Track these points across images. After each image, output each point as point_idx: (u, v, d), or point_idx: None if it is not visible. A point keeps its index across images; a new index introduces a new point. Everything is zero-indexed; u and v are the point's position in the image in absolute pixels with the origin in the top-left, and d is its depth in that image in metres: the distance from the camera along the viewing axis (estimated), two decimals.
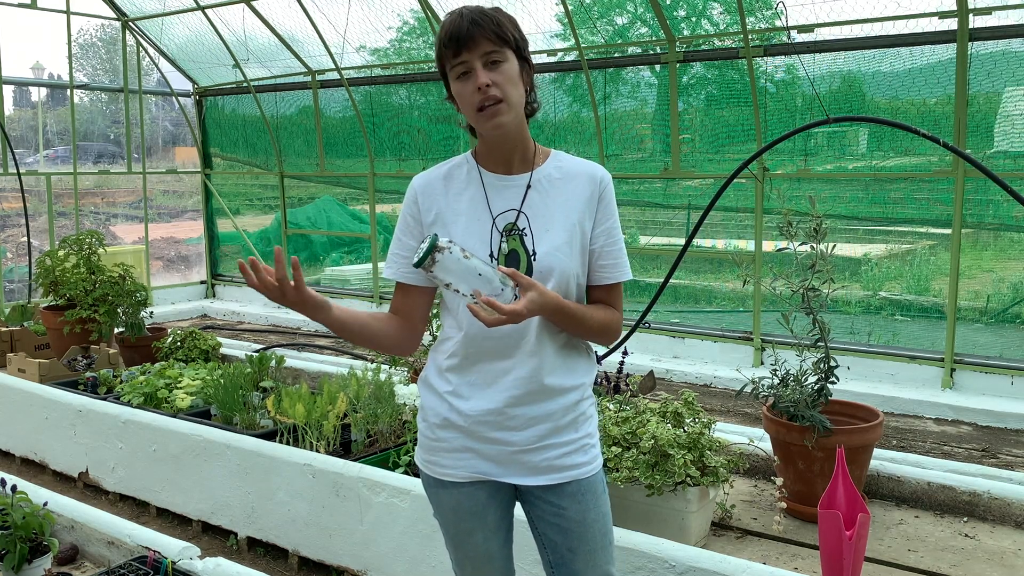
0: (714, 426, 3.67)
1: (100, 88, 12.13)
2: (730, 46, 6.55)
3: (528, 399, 1.92)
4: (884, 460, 4.10)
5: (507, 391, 1.91)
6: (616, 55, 7.17)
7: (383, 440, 4.18)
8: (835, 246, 3.78)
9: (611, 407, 3.85)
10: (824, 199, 6.33)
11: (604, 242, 1.97)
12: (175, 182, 11.34)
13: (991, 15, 5.44)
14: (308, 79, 8.98)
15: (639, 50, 7.10)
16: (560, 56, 7.50)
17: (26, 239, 8.51)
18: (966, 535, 3.61)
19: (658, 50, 6.85)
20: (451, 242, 1.73)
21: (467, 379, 1.95)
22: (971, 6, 5.40)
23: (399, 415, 4.25)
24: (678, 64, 6.68)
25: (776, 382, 3.89)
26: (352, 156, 9.16)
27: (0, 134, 8.33)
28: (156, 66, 9.98)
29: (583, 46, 7.01)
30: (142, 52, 9.73)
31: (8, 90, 10.19)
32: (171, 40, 9.55)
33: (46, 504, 3.47)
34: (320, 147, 9.20)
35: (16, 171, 8.38)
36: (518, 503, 2.07)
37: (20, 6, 8.61)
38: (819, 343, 3.80)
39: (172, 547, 3.33)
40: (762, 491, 4.08)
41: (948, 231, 5.91)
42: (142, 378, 5.05)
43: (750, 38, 6.20)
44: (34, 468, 5.06)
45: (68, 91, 9.40)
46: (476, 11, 1.83)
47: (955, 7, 5.43)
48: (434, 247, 1.70)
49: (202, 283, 10.56)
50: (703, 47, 6.80)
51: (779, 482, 3.55)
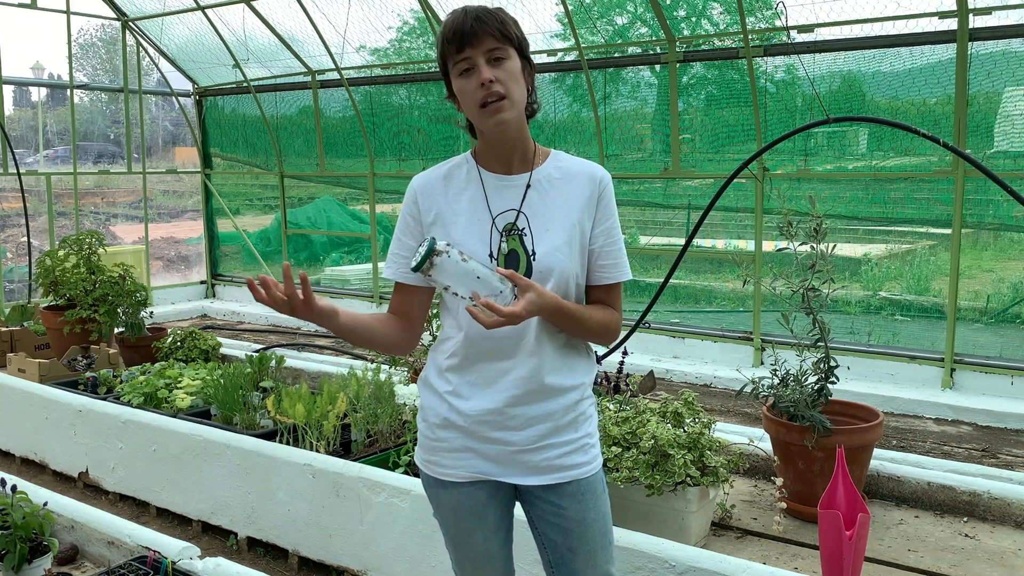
0: (714, 426, 3.67)
1: (100, 88, 12.13)
2: (730, 46, 6.55)
3: (528, 399, 1.92)
4: (884, 460, 4.10)
5: (507, 391, 1.91)
6: (616, 55, 7.17)
7: (383, 440, 4.18)
8: (835, 246, 3.78)
9: (611, 407, 3.85)
10: (824, 199, 6.33)
11: (603, 242, 1.97)
12: (175, 182, 11.34)
13: (991, 15, 5.44)
14: (308, 79, 8.98)
15: (639, 50, 7.10)
16: (560, 56, 7.50)
17: (26, 239, 8.51)
18: (966, 535, 3.61)
19: (658, 50, 6.85)
20: (449, 245, 1.72)
21: (467, 379, 1.95)
22: (971, 6, 5.41)
23: (399, 415, 4.25)
24: (678, 64, 6.68)
25: (776, 382, 3.89)
26: (352, 156, 9.16)
27: (0, 134, 8.34)
28: (156, 66, 9.98)
29: (583, 46, 7.01)
30: (142, 52, 9.73)
31: (8, 90, 10.20)
32: (171, 40, 9.55)
33: (46, 504, 3.47)
34: (320, 147, 9.20)
35: (16, 171, 8.38)
36: (518, 503, 2.08)
37: (20, 6, 8.61)
38: (819, 343, 3.80)
39: (172, 547, 3.33)
40: (762, 491, 4.08)
41: (948, 231, 5.91)
42: (142, 378, 5.05)
43: (750, 38, 6.20)
44: (34, 468, 5.06)
45: (68, 91, 9.40)
46: (480, 8, 1.85)
47: (955, 7, 5.44)
48: (432, 251, 1.70)
49: (202, 283, 10.57)
50: (703, 47, 6.80)
51: (779, 482, 3.55)
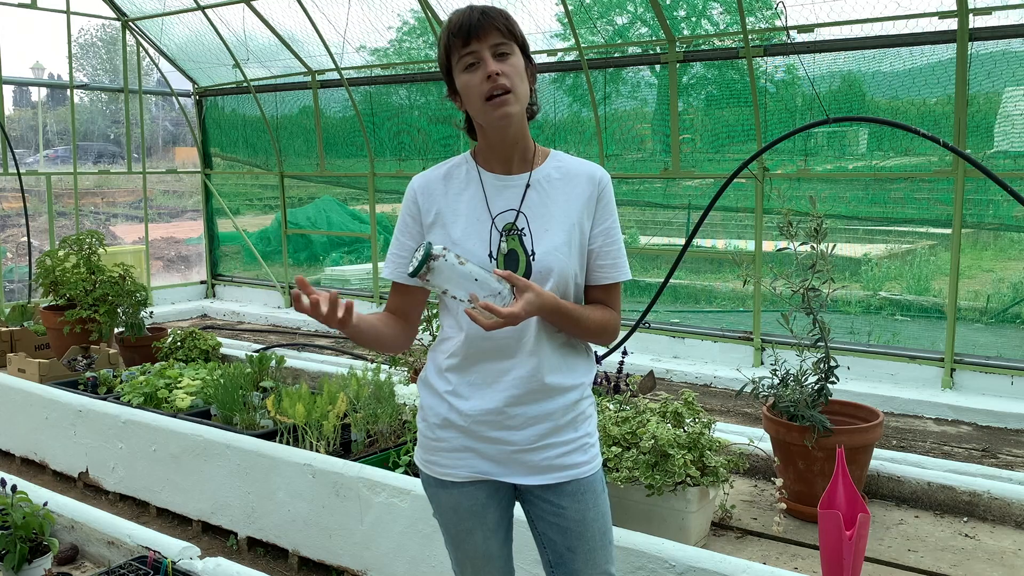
0: (714, 426, 3.67)
1: (100, 88, 12.12)
2: (730, 46, 6.55)
3: (528, 398, 1.92)
4: (884, 460, 4.10)
5: (507, 390, 1.92)
6: (616, 55, 7.17)
7: (383, 440, 4.18)
8: (835, 246, 3.78)
9: (611, 407, 3.84)
10: (824, 199, 6.33)
11: (603, 242, 1.97)
12: (175, 182, 11.34)
13: (991, 15, 5.44)
14: (308, 79, 8.98)
15: (639, 50, 7.10)
16: (560, 56, 7.50)
17: (26, 239, 8.51)
18: (966, 535, 3.61)
19: (658, 50, 6.85)
20: (445, 249, 1.72)
21: (467, 379, 1.95)
22: (971, 6, 5.41)
23: (399, 415, 4.25)
24: (678, 64, 6.68)
25: (776, 382, 3.89)
26: (352, 156, 9.16)
27: (0, 134, 8.34)
28: (156, 66, 9.98)
29: (583, 46, 7.01)
30: (142, 52, 9.73)
31: (8, 90, 10.20)
32: (171, 40, 9.55)
33: (46, 504, 3.47)
34: (320, 147, 9.20)
35: (16, 171, 8.38)
36: (518, 503, 2.08)
37: (20, 6, 8.62)
38: (819, 343, 3.80)
39: (172, 547, 3.33)
40: (762, 491, 4.08)
41: (948, 231, 5.91)
42: (142, 378, 5.05)
43: (750, 38, 6.20)
44: (34, 468, 5.06)
45: (68, 91, 9.41)
46: (485, 6, 1.88)
47: (955, 7, 5.44)
48: (428, 255, 1.70)
49: (202, 283, 10.57)
50: (703, 47, 6.80)
51: (779, 482, 3.55)
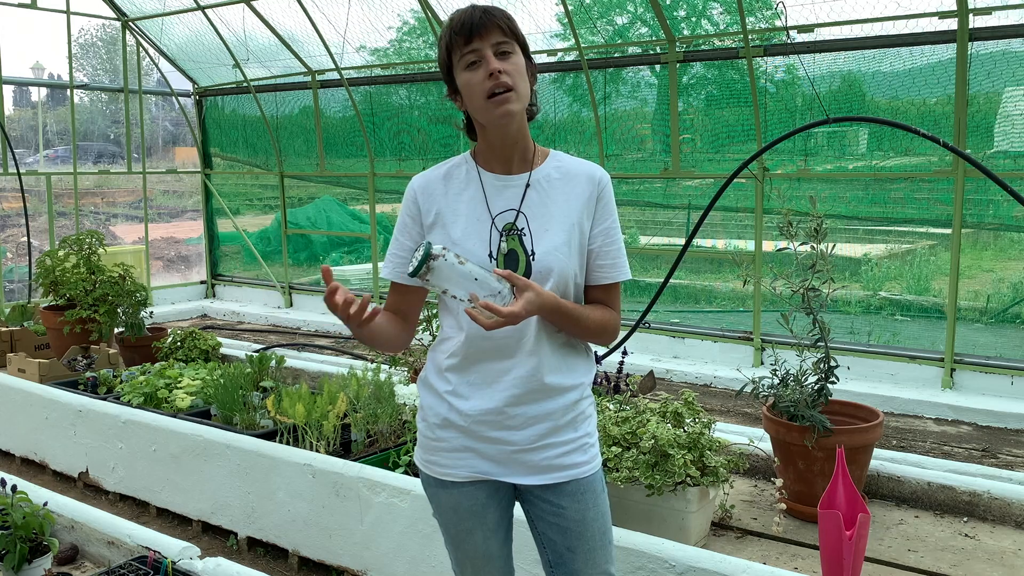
0: (714, 426, 3.67)
1: (100, 88, 12.12)
2: (730, 46, 6.55)
3: (528, 398, 1.92)
4: (884, 460, 4.10)
5: (507, 390, 1.92)
6: (616, 55, 7.17)
7: (383, 440, 4.18)
8: (835, 246, 3.78)
9: (611, 407, 3.84)
10: (824, 199, 6.32)
11: (602, 242, 1.97)
12: (175, 182, 11.34)
13: (991, 15, 5.44)
14: (308, 79, 8.98)
15: (639, 50, 7.10)
16: (560, 56, 7.50)
17: (26, 239, 8.51)
18: (966, 535, 3.61)
19: (658, 50, 6.85)
20: (445, 249, 1.73)
21: (467, 379, 1.95)
22: (971, 6, 5.40)
23: (399, 415, 4.25)
24: (678, 64, 6.68)
25: (776, 382, 3.89)
26: (352, 156, 9.16)
27: (0, 134, 8.33)
28: (156, 66, 9.98)
29: (583, 46, 7.01)
30: (142, 52, 9.73)
31: (8, 90, 10.20)
32: (171, 40, 9.55)
33: (46, 504, 3.47)
34: (320, 147, 9.20)
35: (16, 171, 8.38)
36: (517, 503, 2.08)
37: (20, 6, 8.62)
38: (819, 343, 3.80)
39: (172, 547, 3.33)
40: (762, 491, 4.08)
41: (948, 231, 5.91)
42: (142, 378, 5.05)
43: (750, 38, 6.20)
44: (34, 468, 5.06)
45: (68, 91, 9.40)
46: (486, 5, 1.88)
47: (955, 7, 5.43)
48: (428, 256, 1.70)
49: (202, 283, 10.57)
50: (703, 47, 6.80)
51: (779, 482, 3.55)
